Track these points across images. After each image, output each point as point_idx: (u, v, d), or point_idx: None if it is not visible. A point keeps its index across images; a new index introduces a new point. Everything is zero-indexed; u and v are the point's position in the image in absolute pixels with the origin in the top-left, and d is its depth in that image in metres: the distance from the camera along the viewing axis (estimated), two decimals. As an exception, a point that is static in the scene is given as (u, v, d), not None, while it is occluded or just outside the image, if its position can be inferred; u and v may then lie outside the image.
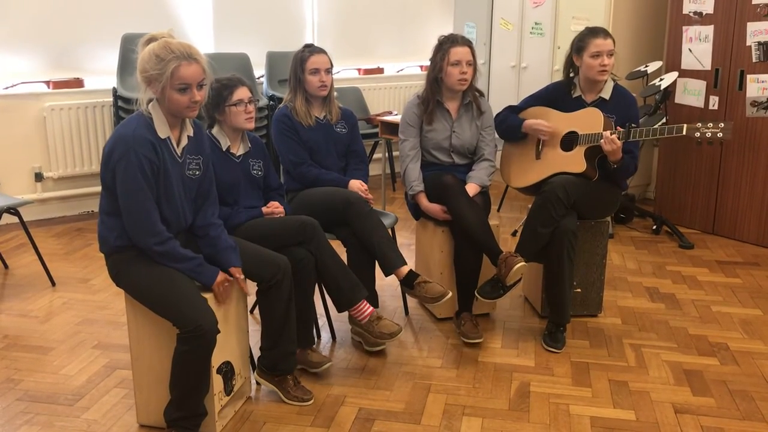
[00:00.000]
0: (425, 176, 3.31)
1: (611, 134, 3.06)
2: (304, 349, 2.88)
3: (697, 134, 3.05)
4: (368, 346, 3.09)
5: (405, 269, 2.98)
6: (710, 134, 3.03)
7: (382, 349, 3.09)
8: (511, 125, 3.42)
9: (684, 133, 3.06)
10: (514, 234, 4.73)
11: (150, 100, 2.33)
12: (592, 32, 3.24)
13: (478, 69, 3.34)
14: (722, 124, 3.02)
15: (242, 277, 2.52)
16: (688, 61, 4.74)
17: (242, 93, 2.80)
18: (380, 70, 6.55)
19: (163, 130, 2.32)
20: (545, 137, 3.32)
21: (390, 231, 3.22)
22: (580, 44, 3.27)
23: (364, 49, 6.52)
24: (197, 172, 2.46)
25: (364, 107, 6.03)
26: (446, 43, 3.25)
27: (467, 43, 3.26)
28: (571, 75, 3.36)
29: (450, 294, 2.93)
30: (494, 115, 3.46)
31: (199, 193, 2.49)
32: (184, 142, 2.41)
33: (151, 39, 2.31)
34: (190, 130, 2.43)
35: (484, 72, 5.85)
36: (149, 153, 2.25)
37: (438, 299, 2.91)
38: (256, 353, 2.81)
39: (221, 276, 2.42)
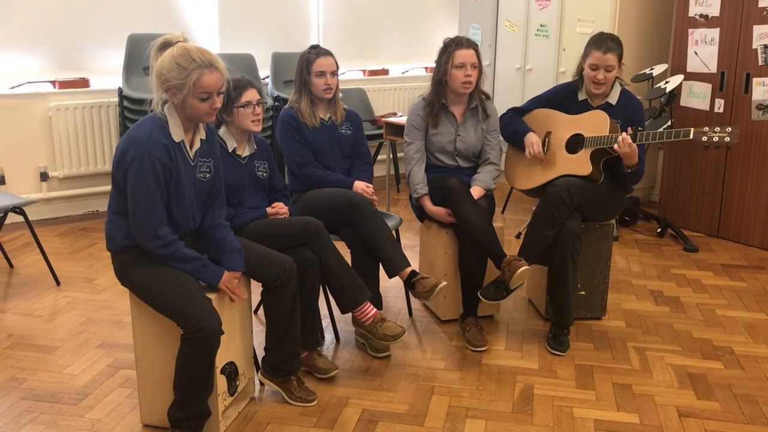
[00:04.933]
0: (429, 179, 3.31)
1: (626, 135, 3.03)
2: (311, 352, 2.88)
3: (704, 138, 3.04)
4: (373, 351, 3.08)
5: (408, 271, 2.98)
6: (717, 139, 3.02)
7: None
8: (515, 131, 3.40)
9: (691, 136, 3.05)
10: (518, 236, 4.73)
11: (165, 102, 2.32)
12: (597, 42, 3.19)
13: (484, 71, 3.34)
14: (729, 129, 3.00)
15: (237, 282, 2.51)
16: (693, 64, 4.73)
17: (251, 95, 2.80)
18: (385, 72, 6.55)
19: (177, 134, 2.33)
20: (527, 154, 3.32)
21: (394, 232, 3.22)
22: (585, 49, 3.25)
23: (369, 50, 6.53)
24: (208, 175, 2.47)
25: (369, 108, 6.04)
26: (451, 46, 3.24)
27: (472, 45, 3.25)
28: (583, 75, 3.33)
29: (444, 283, 2.92)
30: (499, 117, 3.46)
31: (208, 195, 2.50)
32: (197, 145, 2.41)
33: (166, 43, 2.30)
34: (202, 134, 2.44)
35: (489, 74, 5.85)
36: (163, 157, 2.26)
37: (432, 290, 2.90)
38: (260, 354, 2.81)
39: (226, 275, 2.42)
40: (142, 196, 2.25)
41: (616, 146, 3.05)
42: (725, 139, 3.01)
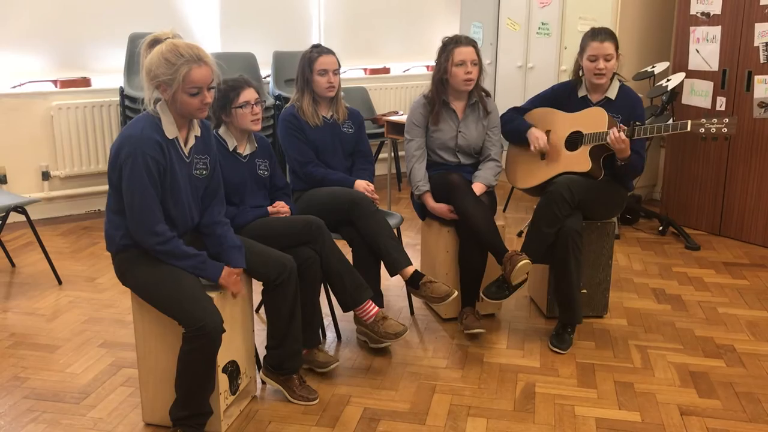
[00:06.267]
0: (431, 176, 3.32)
1: (618, 131, 3.05)
2: (310, 349, 2.89)
3: (702, 130, 3.05)
4: (373, 343, 3.09)
5: (410, 269, 2.98)
6: (715, 130, 3.02)
7: (387, 349, 3.09)
8: (517, 128, 3.41)
9: (688, 129, 3.05)
10: (519, 234, 4.73)
11: (157, 100, 2.33)
12: (592, 34, 3.24)
13: (484, 69, 3.34)
14: (726, 120, 3.01)
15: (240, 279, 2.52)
16: (695, 62, 4.72)
17: (249, 95, 2.80)
18: (386, 70, 6.55)
19: (170, 131, 2.33)
20: (533, 148, 3.31)
21: (395, 231, 3.22)
22: (581, 45, 3.28)
23: (371, 48, 6.52)
24: (204, 172, 2.47)
25: (371, 107, 6.04)
26: (450, 44, 3.25)
27: (471, 42, 3.26)
28: (581, 74, 3.35)
29: (456, 293, 2.93)
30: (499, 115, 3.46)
31: (206, 193, 2.50)
32: (192, 142, 2.41)
33: (155, 40, 2.30)
34: (197, 130, 2.44)
35: (491, 72, 5.85)
36: (156, 154, 2.26)
37: (444, 299, 2.91)
38: (262, 352, 2.82)
39: (226, 270, 2.43)
40: (137, 193, 2.25)
41: (609, 139, 3.06)
42: (723, 130, 3.01)
